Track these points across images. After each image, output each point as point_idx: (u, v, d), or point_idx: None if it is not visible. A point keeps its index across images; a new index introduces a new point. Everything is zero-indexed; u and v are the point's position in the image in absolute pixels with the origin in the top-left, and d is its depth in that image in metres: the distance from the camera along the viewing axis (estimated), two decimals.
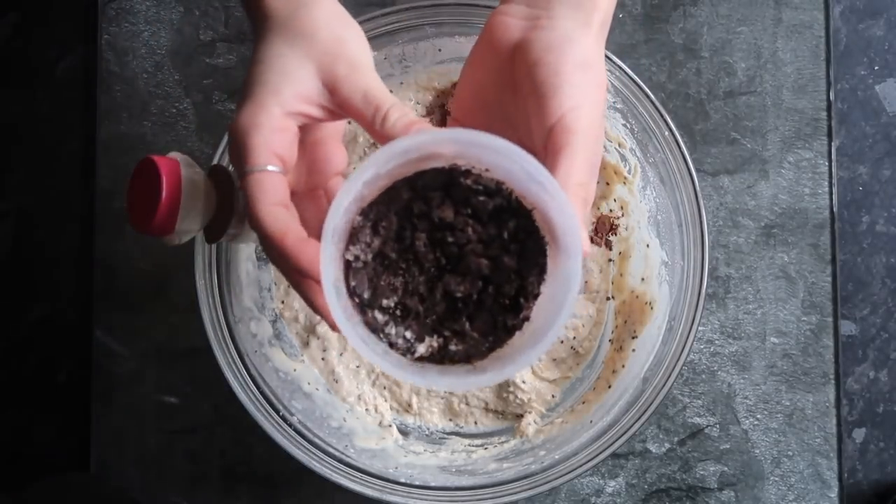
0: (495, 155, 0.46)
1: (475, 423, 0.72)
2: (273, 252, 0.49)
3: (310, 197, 0.54)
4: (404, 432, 0.71)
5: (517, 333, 0.49)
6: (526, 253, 0.49)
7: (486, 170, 0.49)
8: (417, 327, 0.49)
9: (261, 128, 0.48)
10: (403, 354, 0.49)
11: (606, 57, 0.65)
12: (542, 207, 0.47)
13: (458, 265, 0.49)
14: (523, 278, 0.49)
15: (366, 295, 0.48)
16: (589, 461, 0.63)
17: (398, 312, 0.49)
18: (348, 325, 0.45)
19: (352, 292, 0.48)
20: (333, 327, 0.47)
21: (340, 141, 0.55)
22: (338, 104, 0.50)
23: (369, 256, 0.49)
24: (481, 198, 0.49)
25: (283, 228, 0.48)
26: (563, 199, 0.45)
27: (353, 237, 0.48)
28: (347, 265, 0.48)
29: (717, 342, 0.74)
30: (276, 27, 0.50)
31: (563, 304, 0.44)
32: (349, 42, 0.50)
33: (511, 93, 0.52)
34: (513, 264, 0.49)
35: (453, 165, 0.49)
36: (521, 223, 0.49)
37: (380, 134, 0.49)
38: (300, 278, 0.50)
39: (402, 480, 0.65)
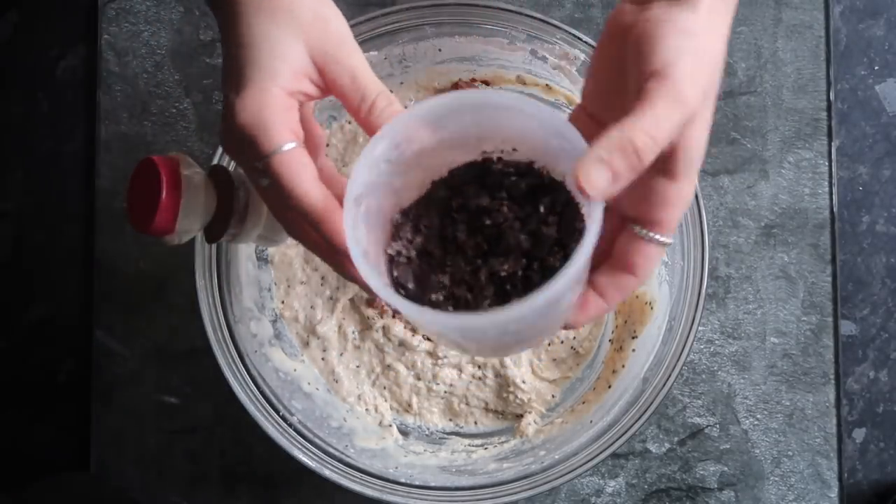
0: (506, 113, 0.45)
1: (475, 423, 0.72)
2: (315, 232, 0.47)
3: None
4: (404, 432, 0.71)
5: None
6: (564, 222, 0.48)
7: (514, 149, 0.48)
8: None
9: (271, 109, 0.46)
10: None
11: None
12: (567, 164, 0.46)
13: (498, 246, 0.49)
14: (565, 247, 0.48)
15: (410, 286, 0.48)
16: (589, 461, 0.63)
17: (449, 306, 0.48)
18: (389, 292, 0.44)
19: (396, 283, 0.48)
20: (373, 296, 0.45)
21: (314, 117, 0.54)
22: (325, 83, 0.48)
23: (413, 253, 0.48)
24: (513, 178, 0.49)
25: (330, 205, 0.46)
26: (577, 140, 0.43)
27: (394, 234, 0.48)
28: (390, 259, 0.48)
29: (717, 342, 0.74)
30: (251, 5, 0.47)
31: (588, 231, 0.42)
32: (332, 20, 0.49)
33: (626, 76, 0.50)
34: (553, 234, 0.48)
35: (484, 156, 0.49)
36: (555, 196, 0.48)
37: (364, 122, 0.48)
38: (343, 257, 0.47)
39: (402, 480, 0.65)
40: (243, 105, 0.46)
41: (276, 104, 0.46)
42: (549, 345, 0.72)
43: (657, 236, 0.46)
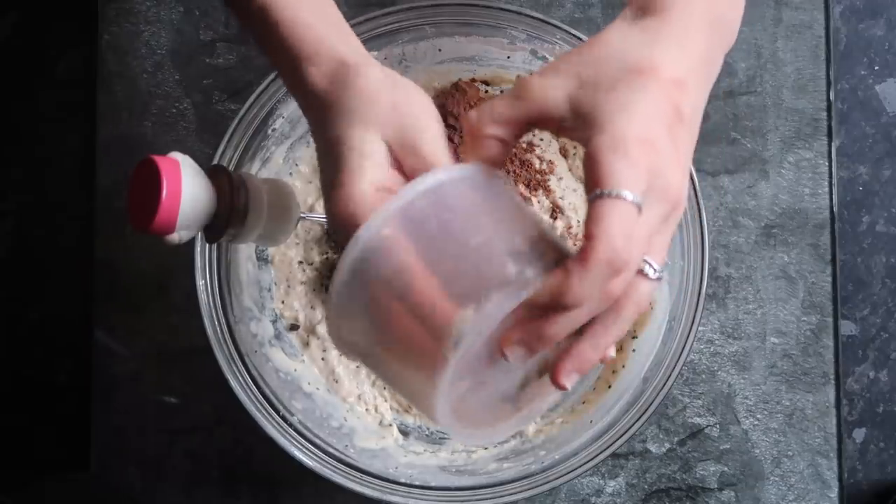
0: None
1: None
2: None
3: None
4: (404, 432, 0.71)
5: None
6: None
7: None
8: None
9: (360, 205, 0.48)
10: None
11: None
12: None
13: None
14: None
15: None
16: (589, 461, 0.63)
17: None
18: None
19: None
20: None
21: None
22: (406, 172, 0.51)
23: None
24: None
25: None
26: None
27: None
28: None
29: (717, 342, 0.74)
30: (336, 105, 0.50)
31: None
32: (406, 104, 0.51)
33: None
34: None
35: None
36: None
37: None
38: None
39: (402, 480, 0.65)
40: (337, 200, 0.49)
41: (365, 201, 0.49)
42: None
43: (597, 190, 0.43)
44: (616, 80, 0.45)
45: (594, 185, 0.43)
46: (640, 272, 0.44)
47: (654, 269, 0.45)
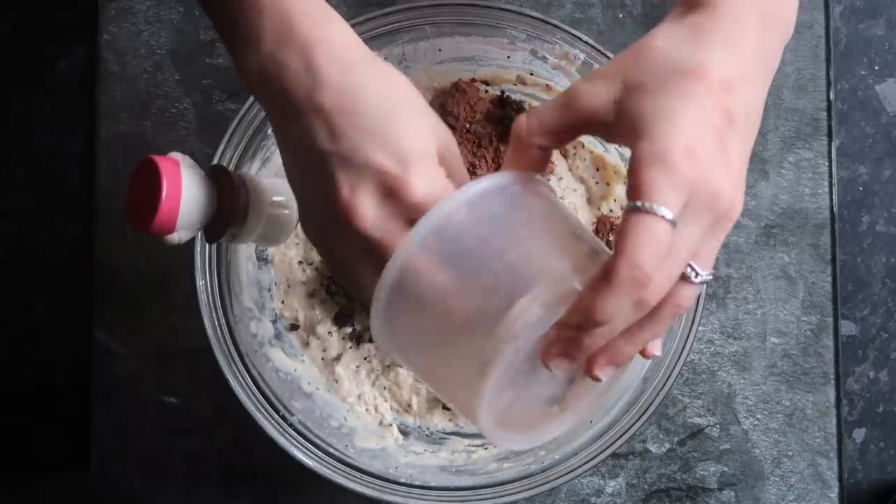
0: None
1: None
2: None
3: None
4: (404, 432, 0.71)
5: None
6: None
7: None
8: None
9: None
10: None
11: (605, 56, 0.65)
12: None
13: None
14: None
15: None
16: (589, 461, 0.63)
17: None
18: None
19: None
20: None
21: None
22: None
23: None
24: None
25: None
26: None
27: None
28: None
29: (717, 342, 0.74)
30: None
31: None
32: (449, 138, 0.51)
33: None
34: None
35: None
36: None
37: None
38: None
39: (402, 480, 0.65)
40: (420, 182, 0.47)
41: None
42: None
43: (632, 203, 0.42)
44: (661, 83, 0.43)
45: (632, 196, 0.42)
46: (684, 276, 0.43)
47: (699, 274, 0.44)
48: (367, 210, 0.47)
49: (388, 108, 0.48)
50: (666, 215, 0.41)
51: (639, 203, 0.42)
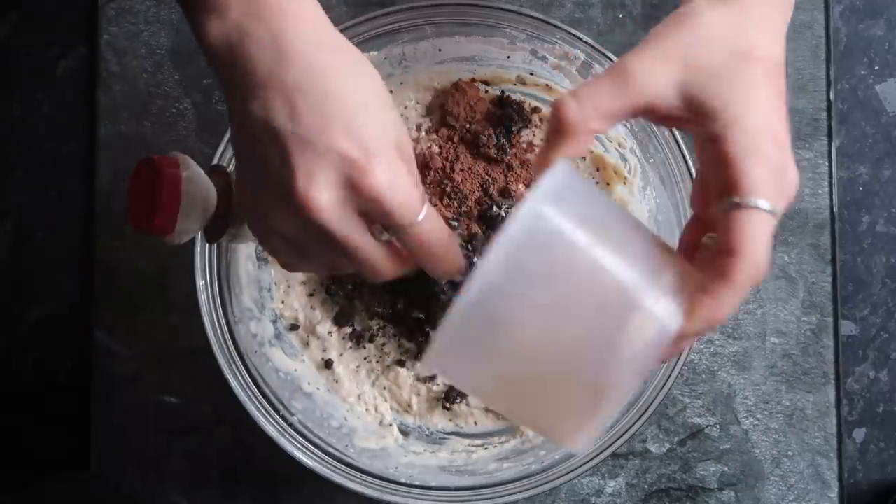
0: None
1: (475, 423, 0.72)
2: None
3: None
4: (404, 432, 0.71)
5: None
6: None
7: None
8: None
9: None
10: None
11: (606, 56, 0.65)
12: None
13: None
14: None
15: None
16: (589, 461, 0.63)
17: None
18: None
19: None
20: None
21: None
22: None
23: None
24: None
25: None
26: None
27: None
28: None
29: (717, 342, 0.74)
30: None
31: None
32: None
33: None
34: None
35: None
36: None
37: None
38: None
39: (402, 480, 0.65)
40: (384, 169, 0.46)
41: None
42: None
43: (736, 199, 0.41)
44: (727, 66, 0.42)
45: (730, 191, 0.41)
46: None
47: None
48: (324, 199, 0.45)
49: (356, 95, 0.45)
50: (771, 209, 0.41)
51: (741, 199, 0.41)
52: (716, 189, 0.43)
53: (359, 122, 0.45)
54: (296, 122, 0.44)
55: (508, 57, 0.69)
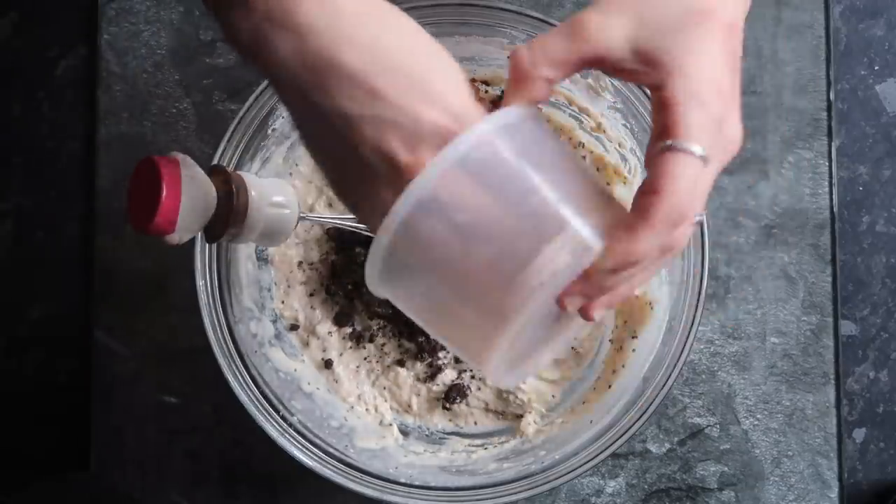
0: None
1: (475, 423, 0.72)
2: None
3: None
4: (404, 432, 0.71)
5: None
6: None
7: None
8: None
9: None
10: None
11: None
12: None
13: None
14: None
15: None
16: (589, 461, 0.63)
17: None
18: None
19: None
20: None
21: None
22: None
23: None
24: None
25: None
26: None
27: None
28: None
29: (717, 342, 0.74)
30: None
31: None
32: None
33: None
34: None
35: None
36: None
37: None
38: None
39: (402, 480, 0.65)
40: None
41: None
42: None
43: (669, 142, 0.42)
44: (680, 21, 0.43)
45: (664, 135, 0.42)
46: None
47: (698, 215, 0.44)
48: None
49: (421, 62, 0.44)
50: (702, 153, 0.42)
51: (675, 143, 0.42)
52: (654, 134, 0.44)
53: (437, 91, 0.43)
54: (372, 106, 0.42)
55: (508, 57, 0.69)
